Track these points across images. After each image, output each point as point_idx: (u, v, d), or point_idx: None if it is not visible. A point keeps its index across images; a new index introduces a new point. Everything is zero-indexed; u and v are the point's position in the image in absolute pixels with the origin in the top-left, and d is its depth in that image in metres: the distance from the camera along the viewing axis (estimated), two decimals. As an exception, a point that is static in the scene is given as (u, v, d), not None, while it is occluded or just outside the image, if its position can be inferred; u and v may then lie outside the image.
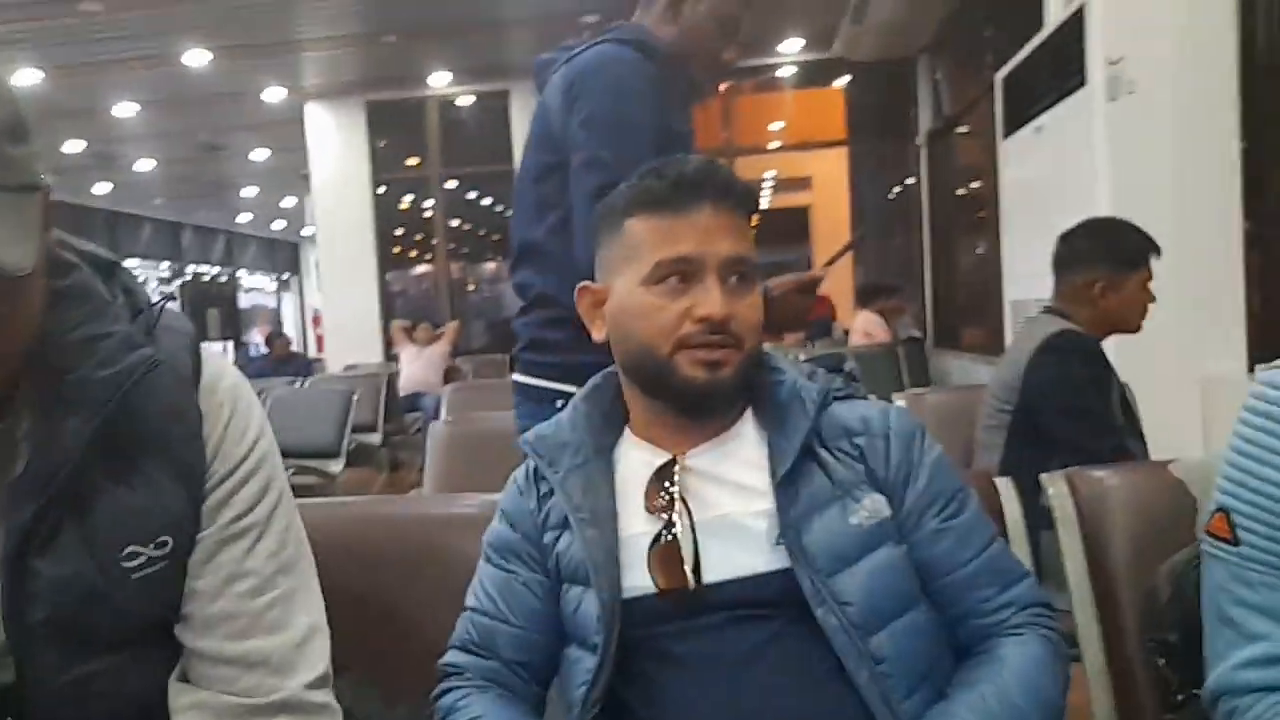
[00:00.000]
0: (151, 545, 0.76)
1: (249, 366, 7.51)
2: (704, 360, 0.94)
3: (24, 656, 0.73)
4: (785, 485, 0.93)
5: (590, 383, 1.07)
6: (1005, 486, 1.19)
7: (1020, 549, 1.41)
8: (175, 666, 0.81)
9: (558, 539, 0.99)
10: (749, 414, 1.01)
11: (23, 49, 6.19)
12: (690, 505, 0.94)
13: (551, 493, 1.00)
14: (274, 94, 7.77)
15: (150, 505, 0.77)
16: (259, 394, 3.19)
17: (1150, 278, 2.08)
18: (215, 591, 0.80)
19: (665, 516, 0.94)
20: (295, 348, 8.35)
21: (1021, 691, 0.86)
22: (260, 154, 10.34)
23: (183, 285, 14.86)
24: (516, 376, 1.67)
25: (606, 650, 0.90)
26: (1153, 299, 2.09)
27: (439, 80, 7.69)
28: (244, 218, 15.48)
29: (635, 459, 1.00)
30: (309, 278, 16.65)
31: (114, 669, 0.77)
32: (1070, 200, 2.21)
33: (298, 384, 5.27)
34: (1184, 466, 1.17)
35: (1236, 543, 0.88)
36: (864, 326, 6.30)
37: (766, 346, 1.04)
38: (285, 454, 0.87)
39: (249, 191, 12.83)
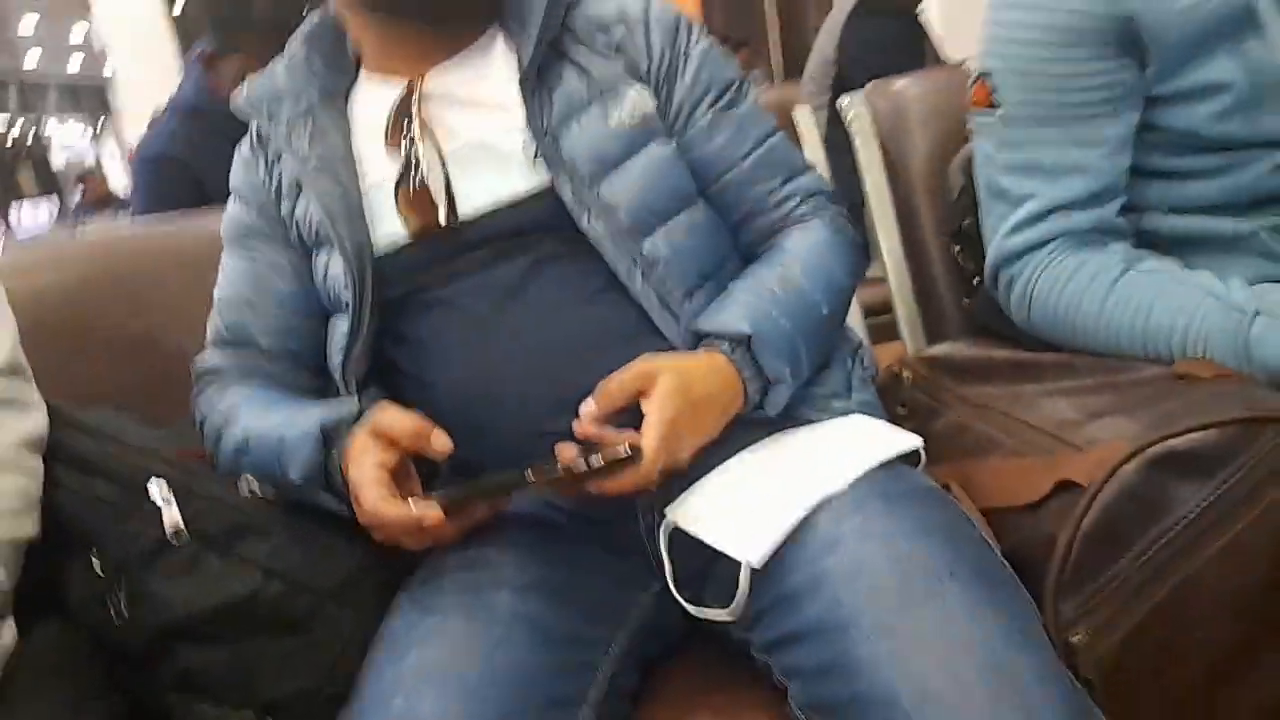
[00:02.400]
0: None
1: (70, 217, 6.85)
2: None
3: None
4: (535, 89, 0.82)
5: (306, 24, 0.92)
6: (801, 115, 1.12)
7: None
8: None
9: (295, 205, 0.87)
10: (497, 27, 0.88)
11: None
12: (436, 135, 0.83)
13: (280, 156, 0.87)
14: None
15: None
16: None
17: None
18: None
19: (409, 152, 0.82)
20: (113, 191, 7.61)
21: (805, 273, 0.81)
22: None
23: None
24: None
25: (359, 307, 0.81)
26: None
27: None
28: (32, 57, 13.74)
29: (371, 98, 0.87)
30: (124, 120, 15.15)
31: None
32: None
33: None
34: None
35: (996, 105, 0.85)
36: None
37: None
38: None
39: (28, 22, 11.30)
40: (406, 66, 0.85)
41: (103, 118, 16.39)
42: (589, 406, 0.71)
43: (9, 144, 14.24)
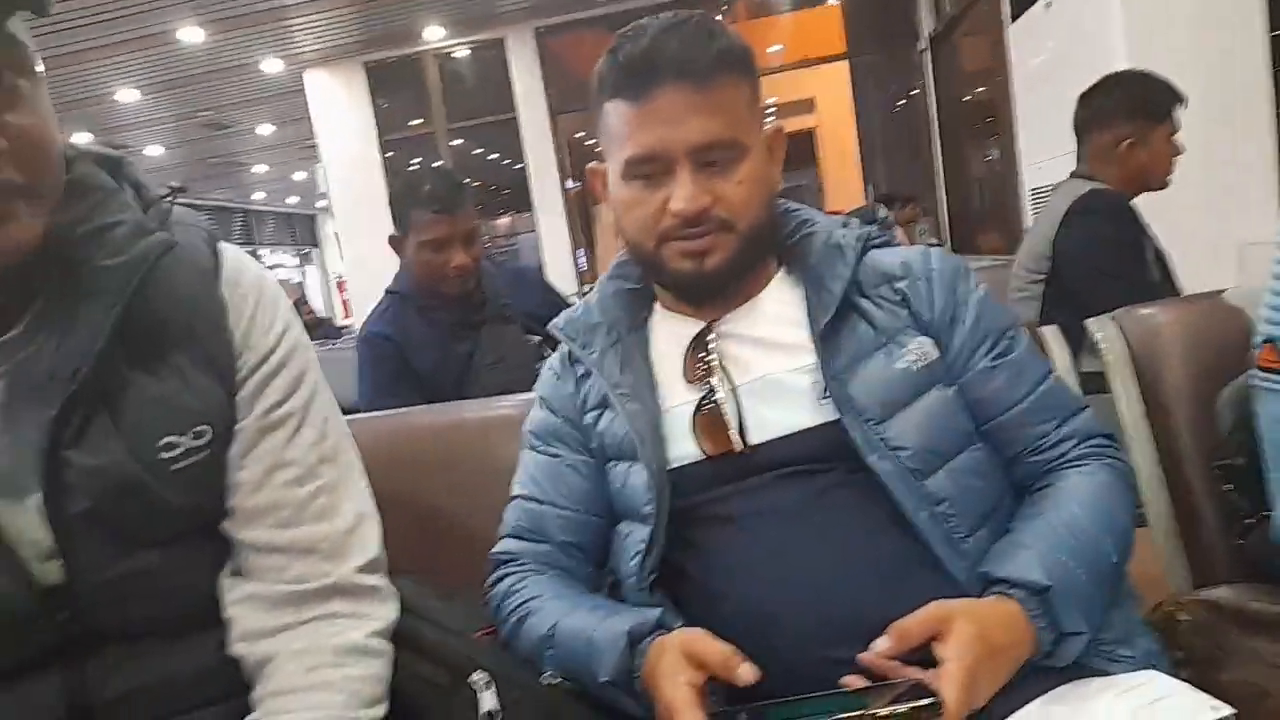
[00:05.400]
0: (189, 435, 0.75)
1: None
2: (687, 251, 0.89)
3: (71, 554, 0.72)
4: (827, 337, 0.90)
5: (615, 262, 1.04)
6: (1053, 334, 1.15)
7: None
8: (227, 563, 0.81)
9: (599, 418, 0.98)
10: (781, 272, 0.98)
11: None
12: (729, 370, 0.92)
13: (588, 374, 0.99)
14: (272, 65, 7.69)
15: (182, 395, 0.76)
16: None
17: (1176, 130, 2.01)
18: (258, 482, 0.80)
19: (706, 384, 0.92)
20: (322, 315, 8.40)
21: (1090, 518, 0.83)
22: (266, 128, 10.29)
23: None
24: None
25: (658, 519, 0.89)
26: (1180, 151, 2.02)
27: (433, 34, 7.56)
28: (258, 195, 15.48)
29: (668, 331, 0.98)
30: (328, 249, 16.70)
31: (164, 565, 0.76)
32: (1087, 74, 2.16)
33: (327, 347, 5.30)
34: (1238, 294, 1.13)
35: None
36: (882, 237, 6.15)
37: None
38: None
39: (260, 168, 12.81)
40: (700, 310, 0.96)
41: (308, 248, 18.17)
42: (882, 645, 0.75)
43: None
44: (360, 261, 7.94)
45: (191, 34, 6.59)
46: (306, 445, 0.82)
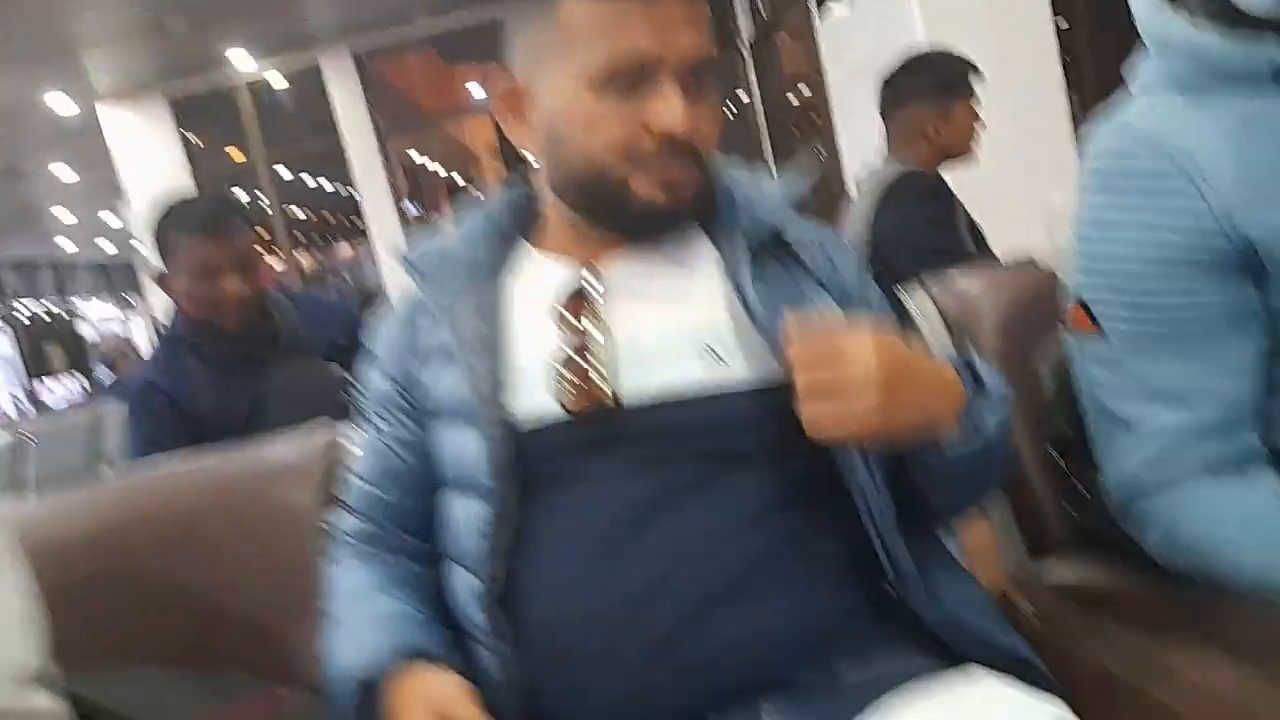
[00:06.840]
0: None
1: (103, 395, 6.92)
2: (664, 180, 0.78)
3: None
4: (753, 270, 0.79)
5: (499, 196, 0.90)
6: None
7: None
8: None
9: (436, 372, 0.83)
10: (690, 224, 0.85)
11: None
12: (610, 319, 0.78)
13: (432, 319, 0.84)
14: (61, 102, 7.07)
15: None
16: (108, 415, 2.75)
17: (975, 101, 2.05)
18: None
19: (579, 332, 0.78)
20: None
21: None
22: (63, 170, 9.50)
23: (15, 328, 13.63)
24: None
25: (501, 491, 0.74)
26: (979, 118, 2.06)
27: (241, 62, 7.13)
28: (65, 244, 14.32)
29: (541, 275, 0.84)
30: (153, 296, 15.65)
31: None
32: (893, 57, 2.20)
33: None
34: (1046, 255, 1.09)
35: (1099, 328, 0.80)
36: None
37: None
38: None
39: (61, 213, 11.82)
40: (586, 252, 0.83)
41: (131, 296, 16.95)
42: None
43: (37, 323, 14.63)
44: (182, 306, 7.40)
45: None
46: None
